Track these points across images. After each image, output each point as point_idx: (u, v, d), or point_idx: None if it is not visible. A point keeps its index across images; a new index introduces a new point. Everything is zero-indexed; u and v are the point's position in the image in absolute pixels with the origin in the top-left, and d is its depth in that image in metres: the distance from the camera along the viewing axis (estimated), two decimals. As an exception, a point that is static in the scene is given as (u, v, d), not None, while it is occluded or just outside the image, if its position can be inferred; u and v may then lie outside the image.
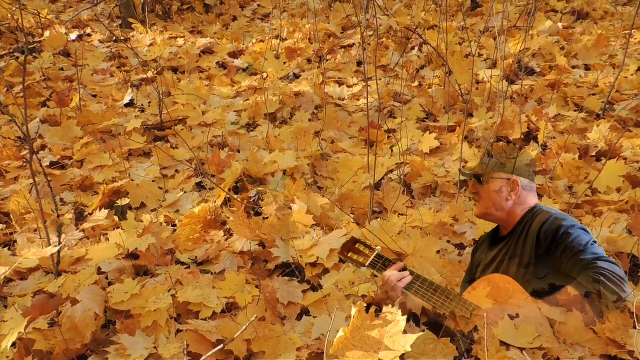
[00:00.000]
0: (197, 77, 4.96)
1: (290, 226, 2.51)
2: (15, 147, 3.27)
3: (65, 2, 7.33)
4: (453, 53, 4.08)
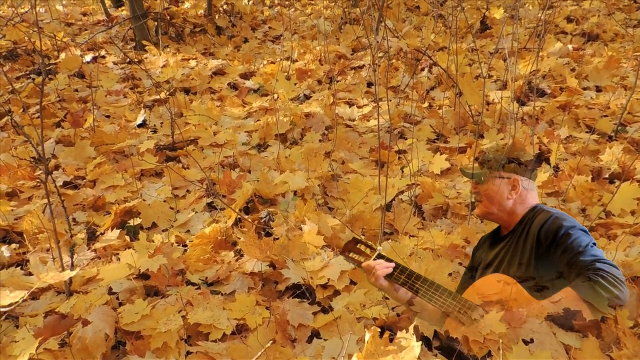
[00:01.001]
0: (209, 97, 5.01)
1: (300, 247, 2.51)
2: (30, 167, 3.31)
3: (80, 25, 7.49)
4: (463, 74, 4.11)
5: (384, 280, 1.88)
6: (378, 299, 2.13)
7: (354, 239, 1.99)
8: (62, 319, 1.67)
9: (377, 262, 1.90)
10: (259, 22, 7.94)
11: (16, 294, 1.18)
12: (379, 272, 1.87)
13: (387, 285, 1.90)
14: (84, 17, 7.86)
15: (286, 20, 7.83)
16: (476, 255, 2.13)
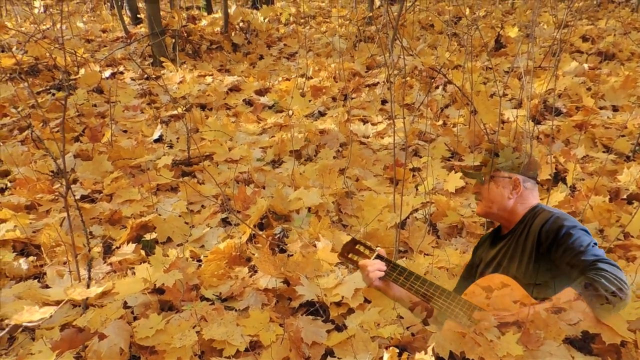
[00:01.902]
0: (224, 113, 5.07)
1: (314, 264, 2.50)
2: (48, 181, 3.36)
3: (100, 41, 7.64)
4: (478, 92, 4.11)
5: (378, 280, 1.90)
6: (392, 317, 2.11)
7: (353, 239, 2.02)
8: (79, 333, 1.68)
9: (371, 262, 1.91)
10: (274, 39, 8.04)
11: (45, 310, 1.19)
12: (371, 274, 1.89)
13: (383, 285, 1.93)
14: (104, 34, 8.02)
15: (301, 38, 7.92)
16: (476, 254, 2.13)
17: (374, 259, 1.94)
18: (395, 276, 1.89)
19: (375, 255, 1.94)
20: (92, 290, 1.40)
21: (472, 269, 2.11)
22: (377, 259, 1.93)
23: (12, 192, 3.24)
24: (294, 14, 9.37)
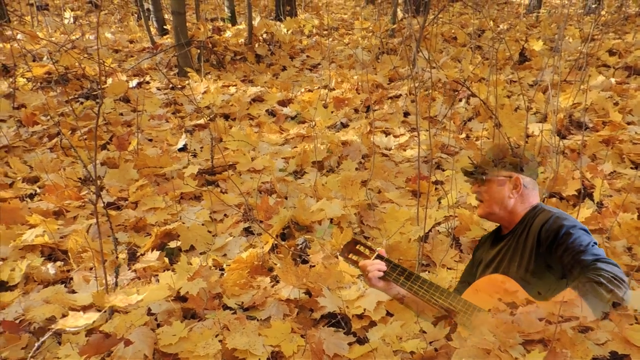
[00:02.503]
0: (247, 124, 5.12)
1: (336, 275, 2.50)
2: (76, 188, 3.43)
3: (127, 51, 7.80)
4: (502, 106, 4.08)
5: (377, 280, 1.95)
6: (415, 332, 2.10)
7: (354, 240, 2.05)
8: (105, 338, 1.70)
9: (371, 262, 1.95)
10: (297, 50, 8.11)
11: (89, 316, 1.22)
12: (370, 274, 1.93)
13: (383, 285, 1.97)
14: (131, 44, 8.19)
15: (324, 50, 7.98)
16: (476, 254, 2.14)
17: (374, 259, 1.96)
18: (395, 276, 1.92)
19: (376, 256, 1.96)
20: (133, 298, 1.43)
21: (472, 270, 2.12)
22: (378, 259, 1.96)
23: (41, 198, 3.32)
24: (317, 26, 9.45)
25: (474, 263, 2.13)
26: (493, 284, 1.82)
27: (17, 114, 4.78)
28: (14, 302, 2.30)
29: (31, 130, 4.49)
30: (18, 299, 2.32)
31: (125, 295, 1.76)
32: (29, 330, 2.15)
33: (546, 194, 3.16)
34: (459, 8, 11.21)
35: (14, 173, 3.71)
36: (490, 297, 1.82)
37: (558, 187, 3.20)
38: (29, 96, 5.21)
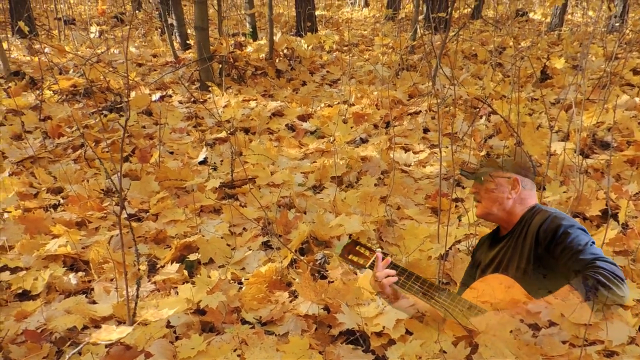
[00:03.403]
0: (267, 138, 5.15)
1: (355, 292, 2.49)
2: (99, 199, 3.48)
3: (150, 65, 7.94)
4: (524, 124, 4.05)
5: (389, 288, 1.96)
6: (435, 351, 2.07)
7: (353, 241, 2.07)
8: (126, 350, 1.71)
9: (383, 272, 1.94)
10: (317, 66, 8.17)
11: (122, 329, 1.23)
12: (384, 281, 1.93)
13: (392, 292, 1.99)
14: (154, 59, 8.34)
15: (344, 65, 8.03)
16: (475, 256, 2.15)
17: (373, 259, 1.99)
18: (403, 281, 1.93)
19: (375, 256, 1.98)
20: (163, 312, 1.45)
21: (471, 271, 2.13)
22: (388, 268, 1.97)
23: (65, 209, 3.37)
24: (337, 42, 9.52)
25: (473, 265, 2.15)
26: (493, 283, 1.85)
27: (43, 125, 4.89)
28: (36, 312, 2.33)
29: (56, 141, 4.58)
30: (40, 309, 2.35)
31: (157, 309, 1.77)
32: (50, 340, 2.17)
33: (568, 213, 3.11)
34: (479, 25, 11.21)
35: (38, 183, 3.78)
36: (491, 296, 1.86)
37: (582, 207, 3.16)
38: (54, 108, 5.33)
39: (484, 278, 1.91)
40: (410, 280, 1.92)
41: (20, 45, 8.57)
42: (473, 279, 2.04)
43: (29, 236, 2.96)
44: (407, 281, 1.93)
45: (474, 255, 2.16)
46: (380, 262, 1.98)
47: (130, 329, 1.17)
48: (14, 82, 6.02)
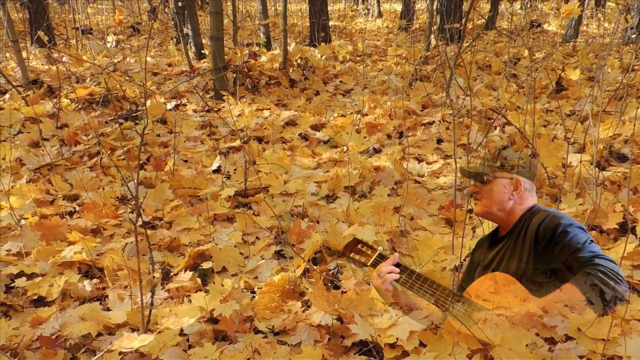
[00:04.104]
0: (281, 147, 5.17)
1: (368, 303, 2.47)
2: (114, 206, 3.51)
3: (165, 74, 8.03)
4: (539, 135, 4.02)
5: (390, 285, 1.98)
6: (449, 365, 2.05)
7: (355, 239, 2.09)
8: (140, 358, 1.72)
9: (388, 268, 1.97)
10: (330, 76, 8.20)
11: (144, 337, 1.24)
12: (387, 276, 1.96)
13: (393, 289, 2.00)
14: (169, 68, 8.44)
15: (357, 75, 8.05)
16: (474, 256, 2.16)
17: (376, 257, 2.02)
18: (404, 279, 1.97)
19: (377, 255, 2.00)
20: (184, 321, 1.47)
21: (470, 272, 2.14)
22: (380, 258, 2.01)
23: (80, 216, 3.41)
24: (351, 52, 9.56)
25: (472, 265, 2.15)
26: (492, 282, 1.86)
27: (60, 133, 4.95)
28: (51, 318, 2.35)
29: (73, 149, 4.63)
30: (55, 315, 2.37)
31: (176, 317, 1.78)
32: (65, 347, 2.19)
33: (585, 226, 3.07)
34: (493, 36, 11.19)
35: (55, 190, 3.82)
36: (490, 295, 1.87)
37: (598, 219, 3.12)
38: (71, 116, 5.40)
39: (485, 277, 1.91)
40: (411, 279, 1.96)
41: (38, 54, 8.72)
42: (472, 279, 2.05)
43: (45, 243, 2.99)
44: (408, 279, 1.96)
45: (473, 256, 2.17)
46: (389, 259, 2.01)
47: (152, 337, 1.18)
48: (33, 90, 6.12)
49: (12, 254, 2.88)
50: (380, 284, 1.99)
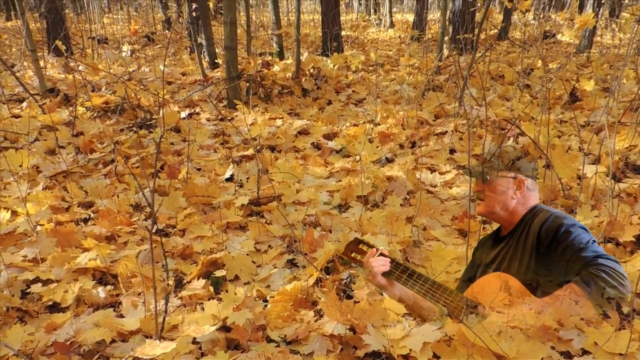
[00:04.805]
0: (293, 156, 5.19)
1: (381, 313, 2.45)
2: (128, 214, 3.53)
3: (179, 83, 8.11)
4: (553, 146, 3.99)
5: (381, 277, 2.02)
6: (463, 377, 2.02)
7: (356, 239, 2.12)
8: (154, 365, 1.72)
9: (374, 258, 2.02)
10: (343, 85, 8.23)
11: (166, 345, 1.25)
12: (375, 269, 2.00)
13: (385, 283, 2.04)
14: (183, 77, 8.52)
15: (370, 85, 8.07)
16: (476, 256, 2.16)
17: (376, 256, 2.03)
18: (398, 274, 1.99)
19: (378, 254, 2.02)
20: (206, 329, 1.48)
21: (472, 271, 2.14)
22: (380, 256, 2.03)
23: (95, 223, 3.44)
24: (363, 62, 9.58)
25: (473, 264, 2.16)
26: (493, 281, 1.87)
27: (75, 141, 5.02)
28: (66, 324, 2.37)
29: (88, 157, 4.69)
30: (70, 321, 2.39)
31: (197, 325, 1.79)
32: (79, 353, 2.20)
33: (601, 239, 3.04)
34: (506, 47, 11.17)
35: (70, 197, 3.86)
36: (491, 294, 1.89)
37: (614, 232, 3.08)
38: (87, 124, 5.47)
39: (485, 277, 1.92)
40: (405, 274, 1.99)
41: (55, 64, 8.86)
42: (473, 279, 2.06)
43: (60, 249, 3.02)
44: (402, 275, 1.99)
45: (475, 255, 2.17)
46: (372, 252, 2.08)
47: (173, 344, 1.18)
48: (49, 98, 6.21)
49: (28, 260, 2.91)
50: (371, 278, 2.04)
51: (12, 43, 12.17)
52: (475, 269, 2.12)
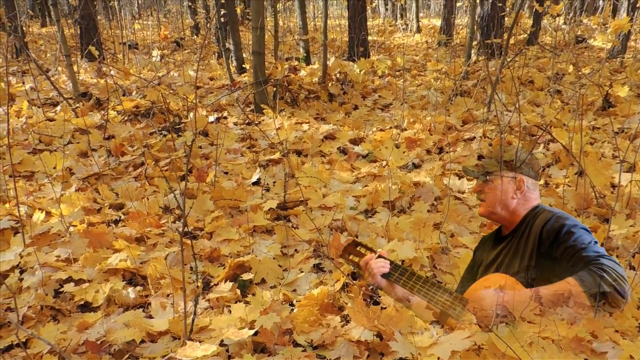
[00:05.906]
0: (319, 160, 5.19)
1: (408, 320, 2.43)
2: (157, 216, 3.59)
3: (207, 88, 8.22)
4: (586, 153, 3.90)
5: (381, 279, 2.04)
6: (493, 387, 1.99)
7: (354, 241, 2.12)
8: (184, 366, 1.74)
9: (374, 260, 2.03)
10: (369, 90, 8.21)
11: (206, 347, 1.27)
12: (375, 270, 2.02)
13: (386, 284, 2.06)
14: (211, 81, 8.63)
15: (396, 90, 8.03)
16: (476, 255, 2.16)
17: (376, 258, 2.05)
18: (397, 276, 2.00)
19: (377, 256, 2.03)
20: (244, 332, 1.51)
21: (472, 270, 2.14)
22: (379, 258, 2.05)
23: (125, 224, 3.50)
24: (390, 67, 9.55)
25: (474, 264, 2.15)
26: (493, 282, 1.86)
27: (107, 144, 5.12)
28: (97, 323, 2.41)
29: (119, 159, 4.78)
30: (100, 321, 2.43)
31: (236, 328, 1.82)
32: (109, 352, 2.24)
33: (637, 249, 2.95)
34: (536, 52, 10.99)
35: (102, 199, 3.94)
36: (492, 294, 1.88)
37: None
38: (118, 128, 5.58)
39: (486, 277, 1.91)
40: (404, 276, 1.99)
41: (88, 68, 9.08)
42: (474, 278, 2.05)
43: (92, 250, 3.08)
44: (401, 277, 2.00)
45: (475, 254, 2.17)
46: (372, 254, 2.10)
47: (214, 347, 1.19)
48: (82, 102, 6.36)
49: (61, 260, 2.98)
50: (370, 279, 2.05)
51: (47, 48, 12.54)
52: (476, 268, 2.12)
